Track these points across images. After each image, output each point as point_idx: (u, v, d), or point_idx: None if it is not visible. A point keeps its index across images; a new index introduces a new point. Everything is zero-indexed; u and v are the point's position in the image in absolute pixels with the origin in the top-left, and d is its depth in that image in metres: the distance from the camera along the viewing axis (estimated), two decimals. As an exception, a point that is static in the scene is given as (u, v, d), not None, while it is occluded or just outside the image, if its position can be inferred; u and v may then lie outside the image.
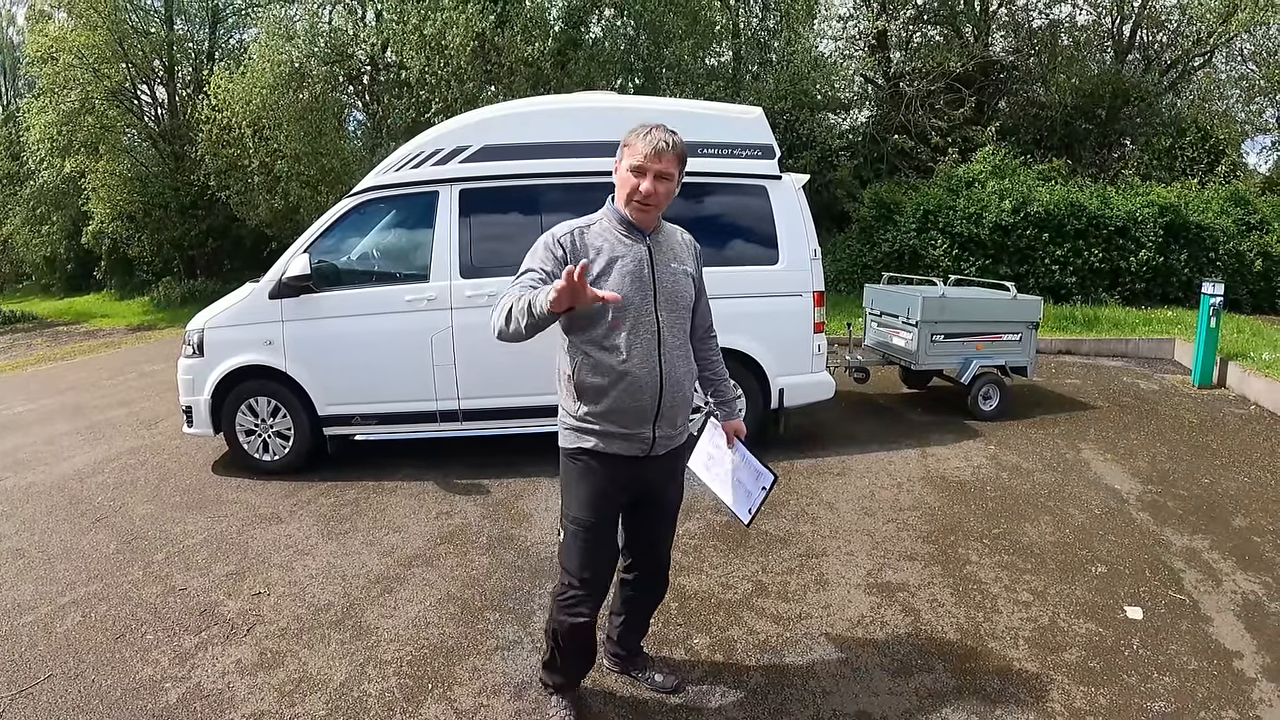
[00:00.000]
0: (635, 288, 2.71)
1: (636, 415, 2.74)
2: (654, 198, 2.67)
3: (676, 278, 2.81)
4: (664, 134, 2.69)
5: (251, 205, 19.13)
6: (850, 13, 20.60)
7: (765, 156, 6.20)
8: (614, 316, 2.70)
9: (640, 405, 2.73)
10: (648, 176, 2.66)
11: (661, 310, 2.75)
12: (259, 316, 6.02)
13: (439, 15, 14.58)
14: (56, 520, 5.59)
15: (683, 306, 2.83)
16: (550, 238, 2.74)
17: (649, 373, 2.73)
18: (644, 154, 2.66)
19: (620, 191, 2.74)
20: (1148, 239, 14.17)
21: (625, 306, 2.68)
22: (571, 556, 2.85)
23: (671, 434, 2.85)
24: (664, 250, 2.81)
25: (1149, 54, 19.64)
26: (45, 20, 23.16)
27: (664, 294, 2.76)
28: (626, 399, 2.72)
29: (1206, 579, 4.24)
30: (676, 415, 2.83)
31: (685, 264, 2.86)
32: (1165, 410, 7.77)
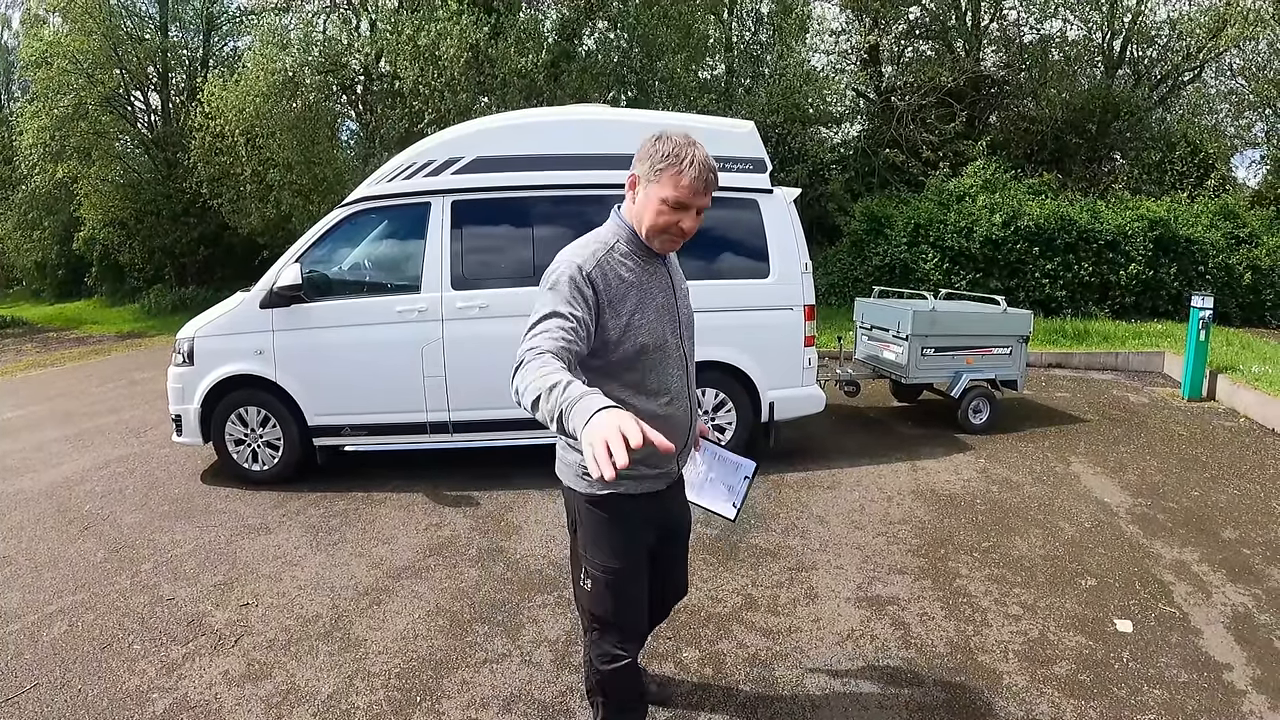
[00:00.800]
0: (667, 322, 2.48)
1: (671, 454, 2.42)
2: (686, 235, 2.40)
3: (688, 300, 2.64)
4: (707, 164, 2.35)
5: (244, 213, 19.09)
6: (842, 27, 20.72)
7: (757, 170, 6.22)
8: (647, 358, 2.44)
9: (677, 445, 2.51)
10: (689, 213, 2.35)
11: (685, 340, 2.57)
12: (249, 326, 6.01)
13: (433, 26, 14.61)
14: (44, 528, 5.56)
15: (692, 329, 2.66)
16: (578, 273, 2.29)
17: (684, 411, 2.55)
18: (689, 189, 2.31)
19: (646, 216, 2.38)
20: (1137, 253, 14.25)
21: (662, 344, 2.46)
22: (606, 604, 2.57)
23: (685, 458, 2.71)
24: (675, 272, 2.60)
25: (1139, 69, 19.76)
26: (40, 24, 23.13)
27: (684, 321, 2.58)
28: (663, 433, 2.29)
29: (1196, 591, 4.26)
30: (690, 441, 2.66)
31: (686, 281, 2.68)
32: (1155, 423, 7.80)
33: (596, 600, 2.58)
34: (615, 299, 2.35)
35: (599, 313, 2.32)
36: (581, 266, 2.30)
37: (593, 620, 2.63)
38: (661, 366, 2.47)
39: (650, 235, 2.39)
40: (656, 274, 2.47)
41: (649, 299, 2.42)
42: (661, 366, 2.47)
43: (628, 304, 2.37)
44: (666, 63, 16.86)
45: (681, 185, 2.30)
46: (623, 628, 2.61)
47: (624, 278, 2.38)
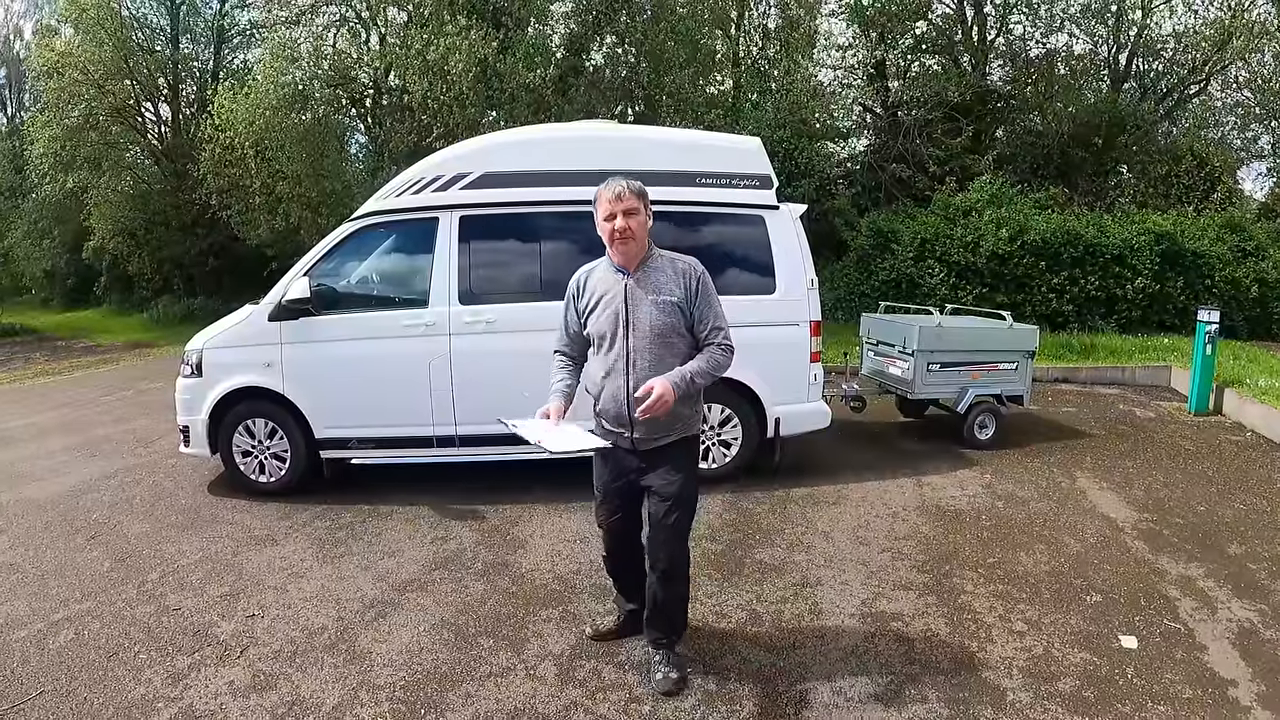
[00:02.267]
0: (611, 321, 3.37)
1: (616, 418, 3.41)
2: (628, 231, 3.29)
3: (660, 309, 3.34)
4: (619, 181, 3.33)
5: (252, 225, 19.20)
6: (849, 42, 20.75)
7: (763, 186, 6.25)
8: (596, 343, 3.46)
9: (618, 411, 3.39)
10: (618, 217, 3.28)
11: (632, 338, 3.34)
12: (258, 338, 6.04)
13: (442, 41, 14.71)
14: (51, 536, 5.60)
15: (662, 333, 3.34)
16: (572, 279, 3.57)
17: (619, 386, 3.37)
18: (608, 200, 3.31)
19: (605, 241, 3.37)
20: (1144, 266, 14.21)
21: (604, 335, 3.39)
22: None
23: (647, 437, 3.40)
24: (645, 285, 3.36)
25: (1145, 82, 19.76)
26: (52, 35, 23.38)
27: (635, 324, 3.34)
28: (609, 404, 3.42)
29: (1202, 607, 4.25)
30: (649, 423, 3.33)
31: (669, 295, 3.35)
32: (1161, 438, 7.79)
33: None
34: (584, 301, 3.48)
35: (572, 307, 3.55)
36: (576, 275, 3.58)
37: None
38: (606, 352, 3.40)
39: (610, 248, 3.39)
40: (616, 285, 3.38)
41: (603, 300, 3.40)
42: (606, 352, 3.40)
43: (589, 302, 3.45)
44: (674, 78, 16.95)
45: (603, 200, 3.33)
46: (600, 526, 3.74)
47: (593, 286, 3.46)
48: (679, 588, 3.56)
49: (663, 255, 3.45)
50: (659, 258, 3.43)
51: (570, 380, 3.59)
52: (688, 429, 3.49)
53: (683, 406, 3.36)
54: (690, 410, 3.48)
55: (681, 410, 3.37)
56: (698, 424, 3.62)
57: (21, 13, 34.96)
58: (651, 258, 3.41)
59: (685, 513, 3.48)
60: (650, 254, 3.41)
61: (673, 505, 3.43)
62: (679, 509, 3.44)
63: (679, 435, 3.45)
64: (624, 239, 3.30)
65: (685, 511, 3.48)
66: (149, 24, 24.07)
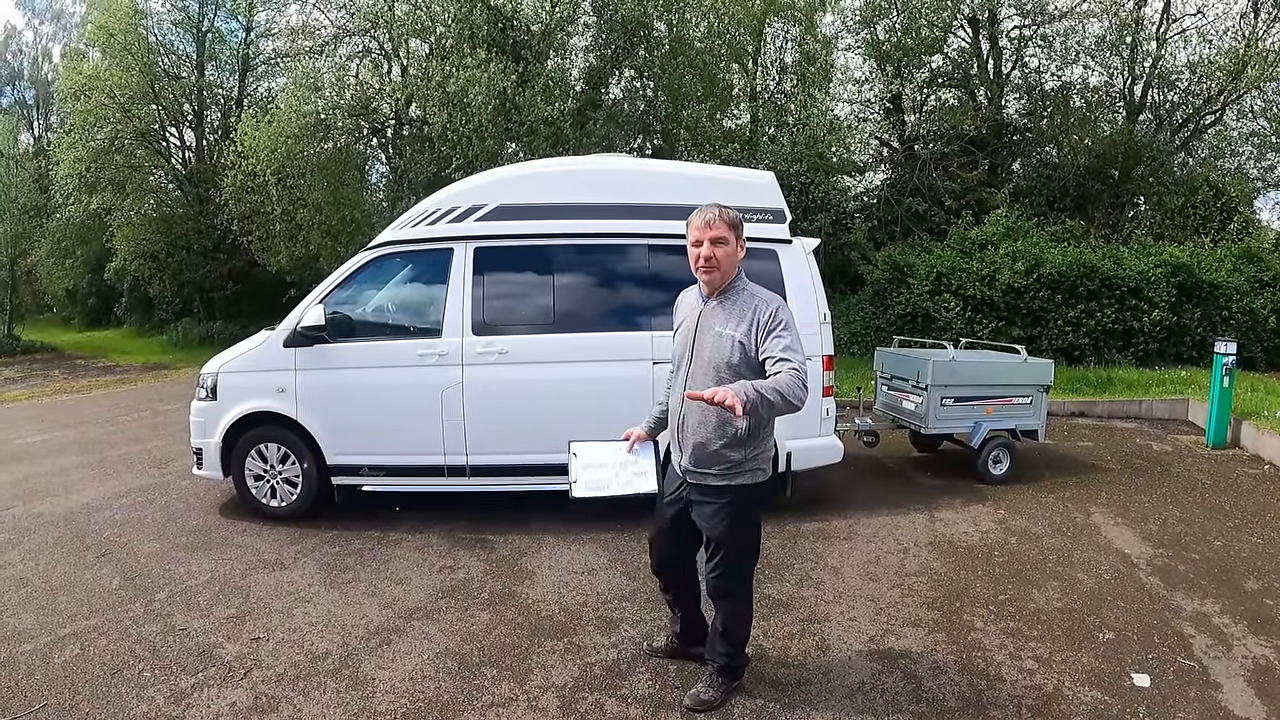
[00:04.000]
0: (682, 344, 3.44)
1: (672, 437, 3.49)
2: (713, 260, 3.29)
3: (716, 339, 3.30)
4: (713, 208, 3.32)
5: (272, 251, 19.40)
6: (865, 76, 20.85)
7: (776, 221, 6.27)
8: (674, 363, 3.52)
9: (671, 434, 3.48)
10: (704, 244, 3.27)
11: (694, 366, 3.34)
12: (273, 364, 6.09)
13: (462, 73, 14.89)
14: (62, 552, 5.65)
15: (715, 365, 3.27)
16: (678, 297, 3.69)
17: (675, 410, 3.45)
18: (698, 226, 3.30)
19: (691, 265, 3.37)
20: (1160, 299, 14.13)
21: (676, 357, 3.49)
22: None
23: (691, 469, 3.39)
24: (716, 315, 3.34)
25: (1160, 113, 19.68)
26: (80, 58, 23.83)
27: (699, 353, 3.34)
28: (672, 424, 3.50)
29: (1217, 644, 4.20)
30: (694, 454, 3.35)
31: (733, 329, 3.27)
32: (1178, 471, 7.72)
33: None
34: (675, 322, 3.58)
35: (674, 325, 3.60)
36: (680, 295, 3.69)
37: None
38: (675, 375, 3.49)
39: (696, 274, 3.38)
40: (695, 309, 3.44)
41: (684, 325, 3.47)
42: (675, 375, 3.49)
43: (676, 320, 3.56)
44: (692, 111, 17.07)
45: (693, 227, 3.33)
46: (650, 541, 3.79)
47: (682, 306, 3.59)
48: (729, 625, 3.58)
49: (746, 288, 3.39)
50: (742, 290, 3.37)
51: (666, 404, 3.64)
52: (738, 474, 3.34)
53: (729, 449, 3.29)
54: (740, 454, 3.32)
55: (728, 452, 3.30)
56: (757, 472, 3.39)
57: (51, 36, 35.74)
58: (734, 289, 3.36)
59: (728, 558, 3.43)
60: (734, 285, 3.37)
61: (715, 548, 3.43)
62: (720, 553, 3.42)
63: (726, 480, 3.34)
64: (708, 268, 3.30)
65: (728, 557, 3.42)
66: (175, 50, 24.52)
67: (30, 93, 35.05)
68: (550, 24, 16.87)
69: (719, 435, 3.28)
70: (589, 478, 3.43)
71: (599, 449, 3.52)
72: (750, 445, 3.33)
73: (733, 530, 3.38)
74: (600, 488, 3.43)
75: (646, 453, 3.56)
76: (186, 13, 24.04)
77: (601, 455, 3.48)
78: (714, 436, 3.29)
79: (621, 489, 3.44)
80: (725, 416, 3.15)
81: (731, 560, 3.43)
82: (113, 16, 21.55)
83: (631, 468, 3.49)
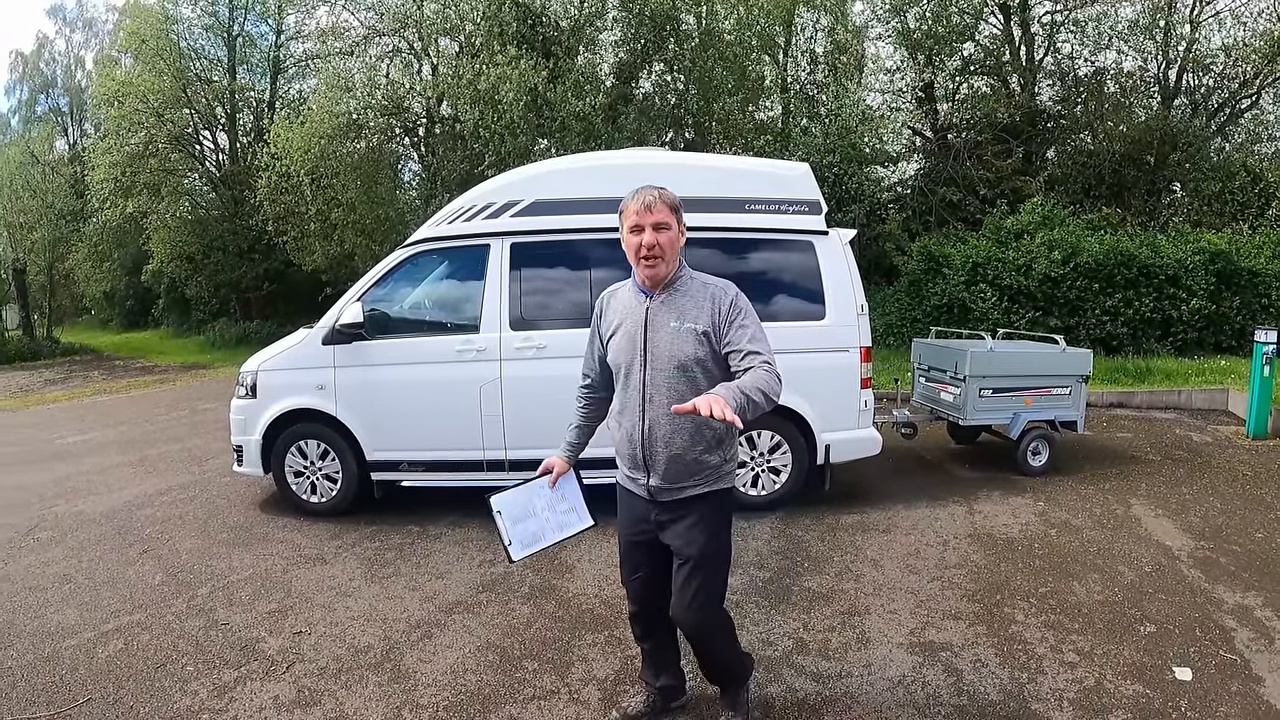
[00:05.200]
0: (629, 349, 2.96)
1: (631, 460, 3.03)
2: (656, 248, 2.86)
3: (675, 335, 2.90)
4: (649, 190, 2.91)
5: (308, 251, 19.60)
6: (897, 65, 20.71)
7: (812, 212, 6.24)
8: (615, 374, 3.04)
9: (632, 453, 3.00)
10: (645, 231, 2.87)
11: (649, 369, 2.92)
12: (312, 361, 6.16)
13: (493, 70, 14.97)
14: (104, 549, 5.76)
15: (679, 364, 2.89)
16: (598, 299, 3.18)
17: (633, 425, 2.97)
18: (636, 211, 2.89)
19: (630, 257, 2.96)
20: (1199, 287, 13.89)
21: (621, 365, 2.99)
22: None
23: (665, 486, 2.98)
24: (668, 310, 2.94)
25: (1195, 98, 19.36)
26: (113, 65, 24.21)
27: (654, 354, 2.91)
28: (624, 445, 3.03)
29: (1259, 637, 4.12)
30: (668, 469, 2.95)
31: (692, 321, 2.89)
32: (1219, 463, 7.60)
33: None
34: (606, 327, 3.08)
35: (595, 332, 3.15)
36: (602, 294, 3.18)
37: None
38: (624, 387, 3.00)
39: (636, 266, 2.96)
40: (637, 309, 2.98)
41: (622, 327, 3.00)
42: (624, 387, 3.00)
43: (609, 327, 3.05)
44: (723, 104, 17.06)
45: (630, 211, 2.91)
46: (625, 586, 3.35)
47: (615, 308, 3.07)
48: (716, 650, 3.23)
49: (694, 277, 3.01)
50: (689, 280, 2.99)
51: (584, 423, 3.33)
52: (716, 480, 3.01)
53: (708, 454, 2.95)
54: (719, 457, 2.99)
55: (707, 458, 2.95)
56: (730, 476, 3.07)
57: (83, 43, 36.21)
58: (680, 280, 2.97)
59: (708, 578, 3.04)
60: (680, 275, 2.98)
61: (692, 570, 3.00)
62: (699, 574, 3.00)
63: (706, 488, 2.98)
64: (651, 258, 2.87)
65: (708, 576, 3.03)
66: (207, 55, 24.89)
67: (64, 100, 35.58)
68: (579, 19, 16.93)
69: (696, 441, 2.92)
70: (521, 533, 3.19)
71: (520, 496, 3.23)
72: (726, 445, 3.03)
73: (712, 542, 3.02)
74: (535, 540, 3.21)
75: (571, 485, 3.31)
76: (216, 17, 24.39)
77: (526, 503, 3.23)
78: (690, 444, 2.92)
79: (556, 534, 3.24)
80: (700, 420, 2.82)
81: (712, 580, 3.06)
82: (144, 23, 21.94)
83: (559, 506, 3.27)
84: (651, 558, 3.16)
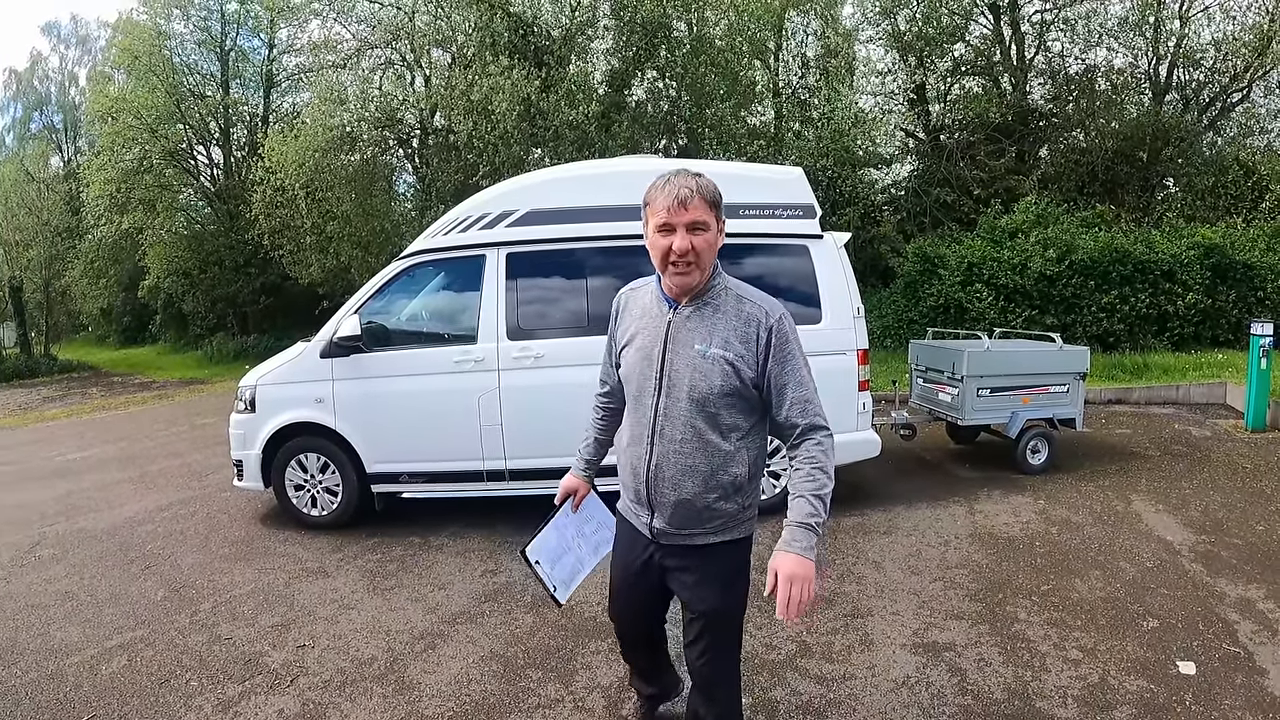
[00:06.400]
0: (642, 368, 2.51)
1: (635, 495, 2.62)
2: (690, 254, 2.34)
3: (696, 362, 2.42)
4: (684, 179, 2.35)
5: (304, 264, 19.60)
6: (888, 68, 20.74)
7: (806, 216, 6.27)
8: (626, 391, 2.63)
9: (636, 487, 2.59)
10: (678, 232, 2.33)
11: (663, 397, 2.46)
12: (310, 375, 6.16)
13: (486, 81, 14.98)
14: (106, 565, 5.76)
15: (699, 399, 2.42)
16: (616, 296, 2.77)
17: (639, 457, 2.55)
18: (666, 208, 2.33)
19: (655, 260, 2.43)
20: (1194, 281, 13.92)
21: (632, 384, 2.57)
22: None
23: (670, 530, 2.57)
24: (695, 327, 2.45)
25: (1187, 93, 19.39)
26: (107, 81, 24.29)
27: (673, 381, 2.45)
28: (627, 475, 2.64)
29: (1262, 630, 4.14)
30: (676, 513, 2.53)
31: (720, 347, 2.41)
32: (1218, 457, 7.62)
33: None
34: (622, 331, 2.65)
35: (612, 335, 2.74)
36: (621, 290, 2.74)
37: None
38: (634, 408, 2.58)
39: (663, 271, 2.45)
40: (658, 320, 2.52)
41: (638, 339, 2.55)
42: (634, 408, 2.58)
43: (625, 334, 2.62)
44: (715, 110, 17.07)
45: (659, 206, 2.35)
46: (611, 619, 3.04)
47: (634, 312, 2.62)
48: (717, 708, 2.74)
49: (730, 289, 2.49)
50: (724, 292, 2.47)
51: (602, 435, 2.99)
52: (731, 529, 2.57)
53: (723, 503, 2.51)
54: (736, 505, 2.54)
55: (721, 505, 2.51)
56: (750, 524, 2.64)
57: (76, 60, 36.37)
58: (713, 291, 2.46)
59: (720, 634, 2.66)
60: (713, 285, 2.46)
61: (703, 628, 2.62)
62: (709, 632, 2.63)
63: (718, 537, 2.56)
64: (685, 266, 2.36)
65: (720, 633, 2.66)
66: (200, 70, 24.93)
67: (59, 116, 35.74)
68: (571, 28, 16.96)
69: (710, 487, 2.48)
70: (561, 572, 3.01)
71: (550, 537, 3.02)
72: (746, 493, 2.56)
73: (726, 599, 2.63)
74: (575, 574, 3.05)
75: (594, 502, 3.09)
76: (209, 33, 24.44)
77: (557, 540, 3.03)
78: (703, 489, 2.47)
79: (593, 558, 3.07)
80: (716, 464, 2.46)
81: (724, 636, 2.67)
82: (137, 39, 21.98)
83: (587, 529, 3.07)
84: (643, 595, 2.83)
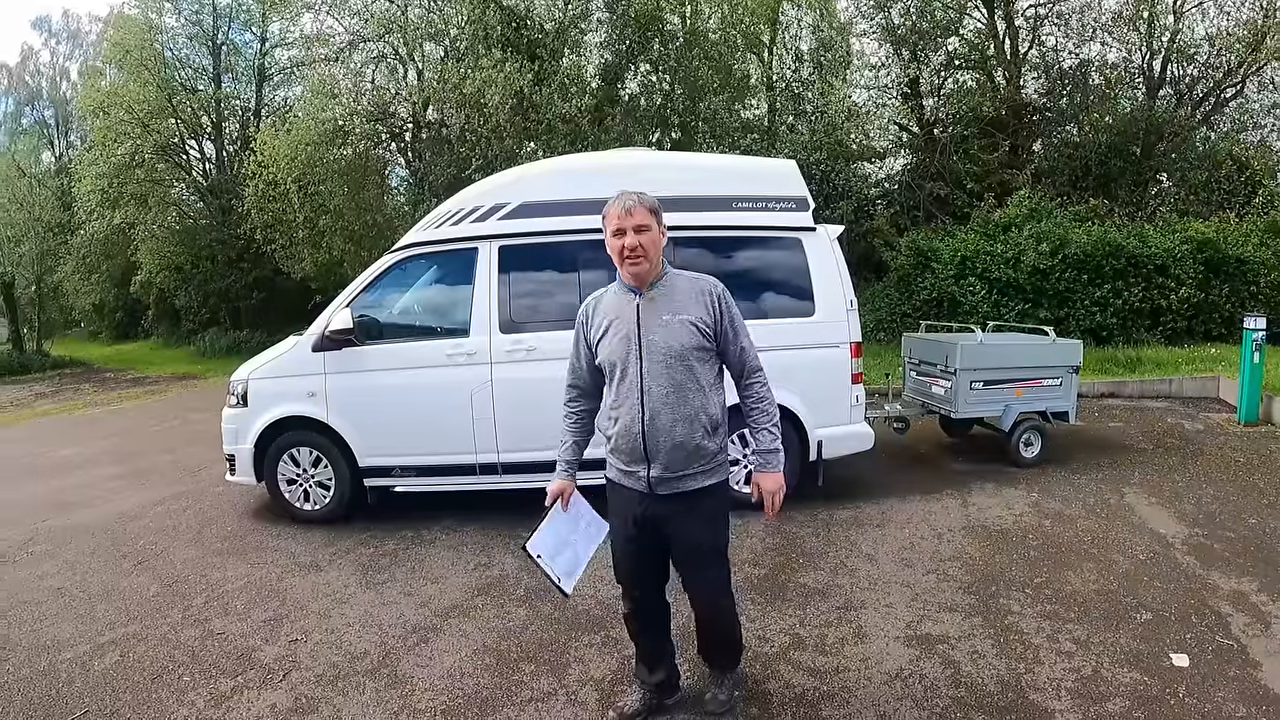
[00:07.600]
0: (623, 345, 3.09)
1: (630, 454, 3.11)
2: (639, 250, 3.03)
3: (670, 328, 3.06)
4: (629, 195, 3.10)
5: (296, 258, 19.54)
6: (882, 61, 20.71)
7: (799, 208, 6.26)
8: (608, 372, 3.15)
9: (632, 446, 3.09)
10: (628, 233, 3.03)
11: (645, 361, 3.05)
12: (302, 369, 6.14)
13: (478, 74, 14.95)
14: (99, 561, 5.74)
15: (676, 354, 3.04)
16: (580, 307, 3.30)
17: (632, 419, 3.07)
18: (617, 215, 3.06)
19: (615, 258, 3.12)
20: (1187, 275, 13.96)
21: (615, 362, 3.10)
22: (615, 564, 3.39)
23: (666, 476, 3.08)
24: (659, 303, 3.10)
25: (1180, 88, 19.36)
26: (98, 76, 24.14)
27: (650, 348, 3.05)
28: (622, 439, 3.11)
29: (1255, 622, 4.15)
30: (670, 457, 3.06)
31: (686, 312, 3.08)
32: (1211, 450, 7.64)
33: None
34: (595, 329, 3.18)
35: (582, 338, 3.26)
36: (584, 303, 3.30)
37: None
38: (616, 380, 3.11)
39: (620, 268, 3.12)
40: (627, 306, 3.13)
41: (614, 326, 3.12)
42: (616, 380, 3.11)
43: (599, 329, 3.16)
44: (709, 103, 17.07)
45: (612, 216, 3.08)
46: (621, 584, 3.39)
47: (603, 310, 3.19)
48: (726, 631, 3.40)
49: (680, 274, 3.21)
50: (675, 276, 3.18)
51: (579, 437, 3.39)
52: (713, 471, 3.16)
53: (707, 440, 3.09)
54: (715, 444, 3.14)
55: (706, 444, 3.09)
56: (724, 468, 3.22)
57: (68, 54, 36.19)
58: (666, 277, 3.15)
59: (718, 566, 3.26)
60: (665, 273, 3.16)
61: (703, 560, 3.21)
62: (710, 564, 3.23)
63: (704, 481, 3.13)
64: (635, 258, 3.04)
65: (718, 564, 3.26)
66: (192, 64, 24.78)
67: (50, 111, 35.55)
68: (564, 22, 16.93)
69: (695, 427, 3.07)
70: (562, 565, 3.22)
71: (549, 534, 3.24)
72: (721, 432, 3.18)
73: (716, 533, 3.22)
74: (576, 566, 3.26)
75: (579, 500, 3.35)
76: (201, 26, 24.27)
77: (555, 536, 3.25)
78: (690, 430, 3.06)
79: (588, 551, 3.31)
80: (695, 407, 3.06)
81: (717, 560, 3.26)
82: (128, 34, 21.84)
83: (580, 524, 3.32)
84: (647, 555, 3.26)
